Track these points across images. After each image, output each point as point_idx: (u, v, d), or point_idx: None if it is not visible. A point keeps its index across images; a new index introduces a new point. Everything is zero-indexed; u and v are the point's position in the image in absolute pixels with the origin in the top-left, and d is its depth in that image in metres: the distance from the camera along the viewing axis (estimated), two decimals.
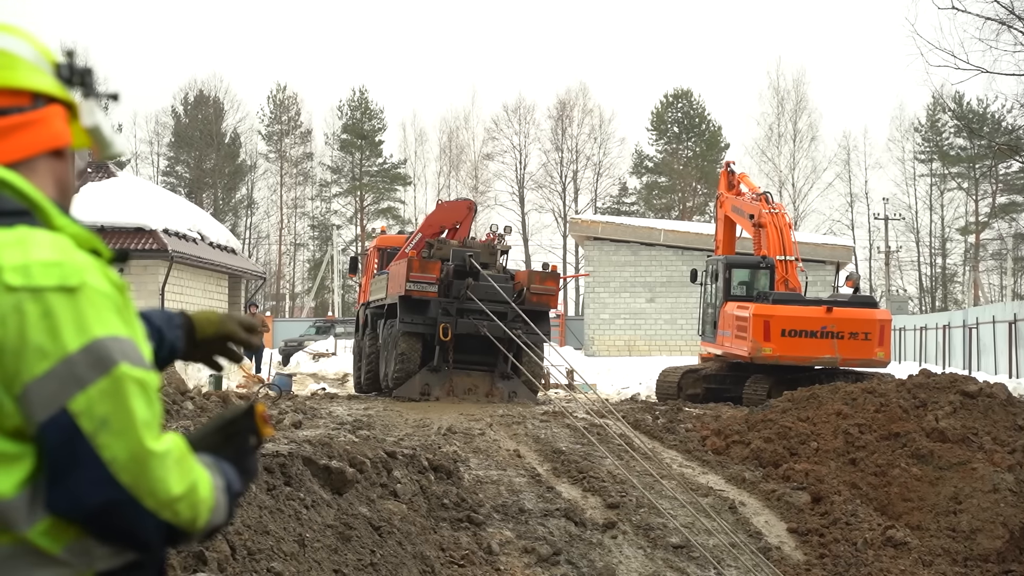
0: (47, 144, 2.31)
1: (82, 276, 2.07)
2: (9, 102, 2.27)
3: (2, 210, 2.16)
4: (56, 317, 2.03)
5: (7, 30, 2.35)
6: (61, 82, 2.36)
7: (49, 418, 2.00)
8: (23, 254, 2.06)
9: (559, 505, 12.14)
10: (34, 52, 2.34)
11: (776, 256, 24.63)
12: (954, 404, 15.43)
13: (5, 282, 2.03)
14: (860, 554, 11.80)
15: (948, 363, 44.15)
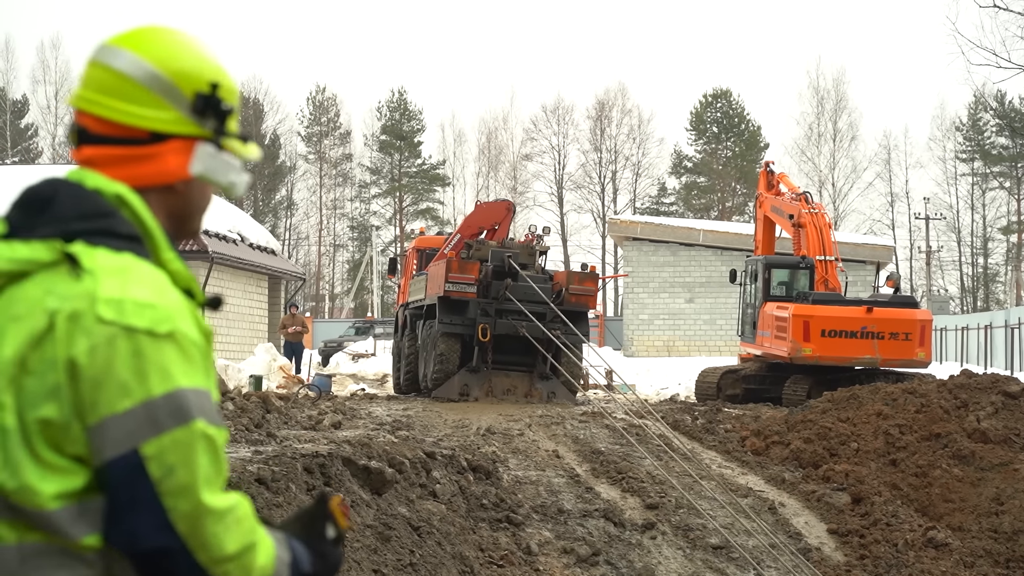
0: (156, 181, 2.29)
1: (174, 323, 2.08)
2: (122, 132, 2.26)
3: (115, 231, 2.16)
4: (144, 359, 2.04)
5: (142, 48, 2.31)
6: (192, 116, 2.30)
7: (119, 456, 2.02)
8: (121, 288, 2.07)
9: (598, 506, 12.15)
10: (166, 78, 2.28)
11: (816, 256, 24.50)
12: (996, 405, 15.34)
13: (98, 313, 2.04)
14: (901, 555, 11.75)
15: (990, 363, 43.81)
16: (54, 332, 2.04)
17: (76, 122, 2.30)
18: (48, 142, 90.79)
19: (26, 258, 2.11)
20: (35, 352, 2.04)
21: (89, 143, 2.26)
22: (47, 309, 2.06)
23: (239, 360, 31.01)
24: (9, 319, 2.08)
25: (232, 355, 36.20)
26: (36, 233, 2.13)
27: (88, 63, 2.32)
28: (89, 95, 2.27)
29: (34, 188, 2.21)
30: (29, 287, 2.10)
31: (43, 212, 2.16)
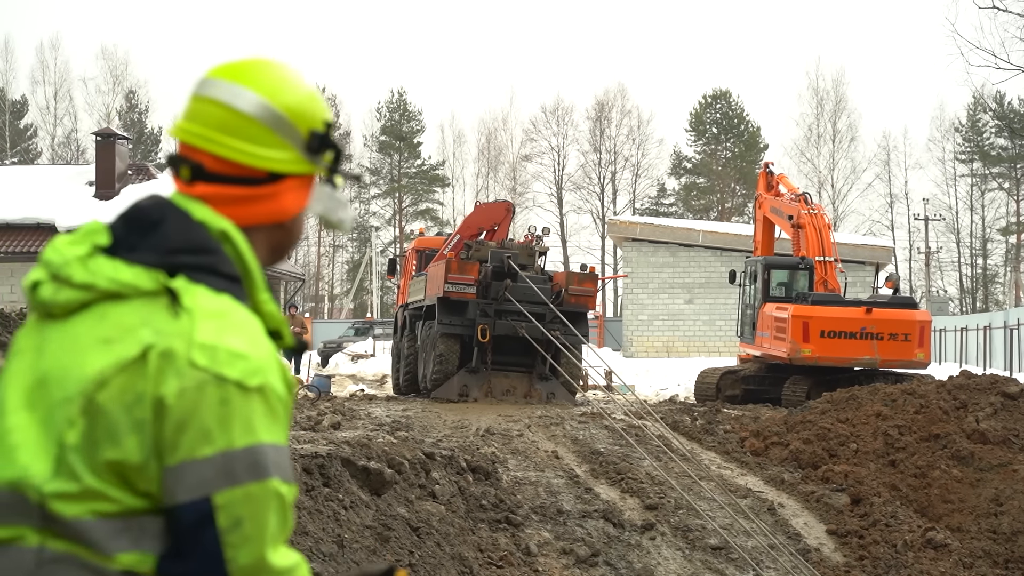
0: (270, 219, 2.30)
1: (264, 377, 2.07)
2: (241, 172, 2.26)
3: (218, 270, 2.16)
4: (231, 409, 2.04)
5: (260, 85, 2.29)
6: (306, 154, 2.30)
7: (191, 501, 2.02)
8: (216, 333, 2.06)
9: (597, 506, 12.15)
10: (286, 117, 2.28)
11: (815, 257, 24.53)
12: (995, 405, 15.35)
13: (192, 357, 2.03)
14: (900, 556, 11.76)
15: (989, 364, 43.82)
16: (146, 366, 2.03)
17: (186, 156, 2.27)
18: (47, 142, 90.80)
19: (128, 282, 2.10)
20: (121, 379, 2.03)
21: (205, 181, 2.24)
22: (141, 340, 2.05)
23: None
24: (98, 339, 2.07)
25: None
26: (139, 256, 2.13)
27: (198, 97, 2.30)
28: (207, 133, 2.25)
29: (143, 206, 2.20)
30: (125, 311, 2.09)
31: (148, 234, 2.16)
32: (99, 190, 39.22)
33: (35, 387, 2.08)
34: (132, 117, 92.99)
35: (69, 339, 2.09)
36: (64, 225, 37.23)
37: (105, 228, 2.18)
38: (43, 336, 2.14)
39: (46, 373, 2.07)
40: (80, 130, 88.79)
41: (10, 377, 2.13)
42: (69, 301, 2.11)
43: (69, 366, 2.06)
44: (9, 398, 2.09)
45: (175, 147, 2.32)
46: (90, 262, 2.12)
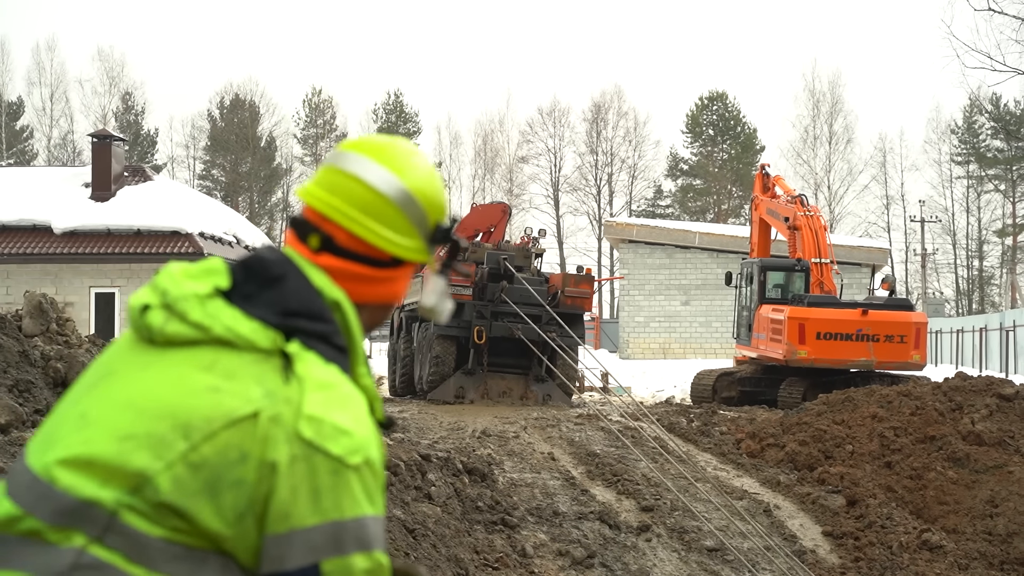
0: (382, 300, 2.35)
1: (366, 453, 2.10)
2: (370, 252, 2.30)
3: (330, 340, 2.19)
4: (339, 482, 2.07)
5: (402, 171, 2.32)
6: (428, 244, 2.36)
7: (300, 568, 2.05)
8: (324, 407, 2.09)
9: (593, 508, 12.15)
10: (421, 207, 2.32)
11: (811, 259, 24.55)
12: (990, 407, 15.36)
13: (299, 427, 2.06)
14: (895, 557, 11.76)
15: (985, 366, 43.87)
16: (255, 428, 2.05)
17: (317, 226, 2.30)
18: (43, 144, 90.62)
19: (245, 336, 2.12)
20: (228, 435, 2.05)
21: (333, 254, 2.28)
22: (252, 400, 2.07)
23: None
24: (207, 386, 2.08)
25: None
26: (257, 311, 2.15)
27: (340, 171, 2.32)
28: (348, 210, 2.28)
29: (266, 259, 2.23)
30: (236, 364, 2.11)
31: (267, 288, 2.18)
32: (95, 192, 39.13)
33: (128, 409, 2.08)
34: (128, 119, 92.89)
35: (173, 374, 2.10)
36: (60, 227, 37.20)
37: (226, 270, 2.21)
38: (142, 360, 2.15)
39: (145, 401, 2.08)
40: (76, 132, 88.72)
41: (102, 392, 2.14)
42: (177, 335, 2.13)
43: (173, 404, 2.07)
44: (98, 414, 2.10)
45: (300, 210, 2.34)
46: (208, 303, 2.14)
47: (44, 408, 11.45)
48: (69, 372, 12.40)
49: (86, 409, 2.11)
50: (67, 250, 36.90)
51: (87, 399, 2.14)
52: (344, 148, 2.35)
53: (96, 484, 2.02)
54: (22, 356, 12.01)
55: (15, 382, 11.53)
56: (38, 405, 11.45)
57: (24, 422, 10.88)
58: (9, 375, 11.57)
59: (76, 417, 2.11)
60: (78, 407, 2.13)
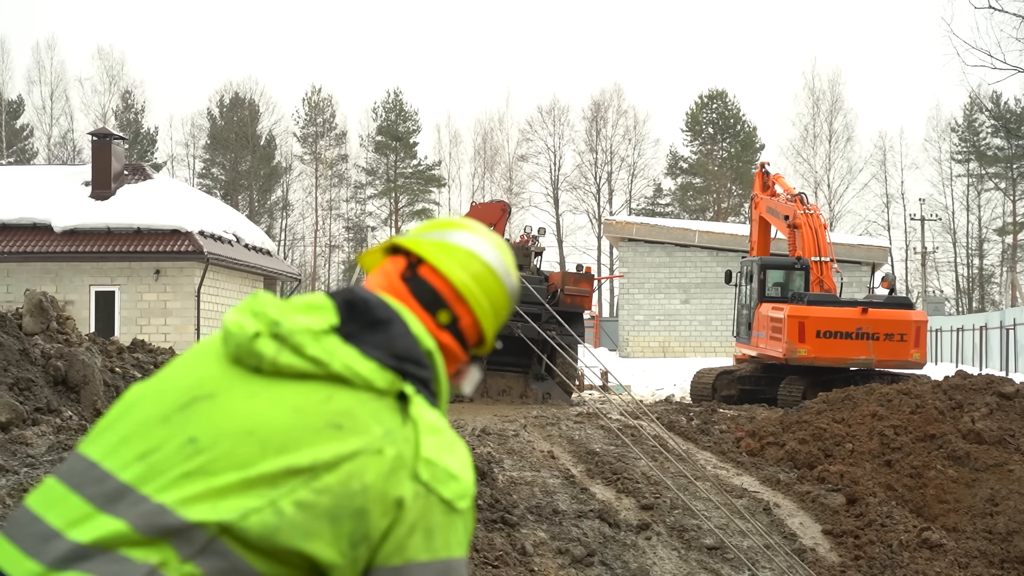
0: (452, 384, 2.41)
1: (469, 500, 2.18)
2: (475, 342, 2.44)
3: (431, 388, 2.26)
4: (450, 523, 2.15)
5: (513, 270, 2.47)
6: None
7: None
8: (437, 451, 2.16)
9: (593, 506, 12.13)
10: (512, 303, 2.48)
11: (811, 257, 24.55)
12: (990, 405, 15.35)
13: (417, 469, 2.13)
14: (895, 556, 11.75)
15: (985, 364, 43.85)
16: (378, 462, 2.10)
17: (444, 298, 2.39)
18: (43, 142, 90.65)
19: (364, 375, 2.16)
20: (351, 467, 2.09)
21: (452, 334, 2.40)
22: (375, 435, 2.12)
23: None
24: (328, 422, 2.12)
25: None
26: (370, 352, 2.19)
27: (488, 267, 2.43)
28: (487, 306, 2.42)
29: (370, 301, 2.27)
30: (353, 402, 2.14)
31: (373, 330, 2.22)
32: (95, 190, 39.15)
33: (249, 438, 2.10)
34: (128, 117, 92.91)
35: (290, 404, 2.13)
36: (60, 225, 37.19)
37: (334, 307, 2.25)
38: (249, 387, 2.17)
39: (265, 431, 2.10)
40: (76, 130, 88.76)
41: (208, 415, 2.15)
42: (290, 367, 2.16)
43: (295, 435, 2.10)
44: (212, 440, 2.11)
45: (433, 282, 2.40)
46: (324, 339, 2.18)
47: (44, 407, 11.45)
48: (69, 370, 12.40)
49: (195, 434, 2.12)
50: (67, 249, 36.91)
51: (191, 422, 2.14)
52: (485, 241, 2.46)
53: (207, 507, 2.04)
54: (22, 354, 12.01)
55: (15, 380, 11.53)
56: (38, 403, 11.45)
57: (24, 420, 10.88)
58: (9, 373, 11.57)
59: (184, 441, 2.12)
60: (182, 430, 2.14)
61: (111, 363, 14.14)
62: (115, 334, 33.81)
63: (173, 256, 36.84)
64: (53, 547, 2.02)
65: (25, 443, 10.19)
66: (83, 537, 2.02)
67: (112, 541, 2.01)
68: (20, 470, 9.16)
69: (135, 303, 37.15)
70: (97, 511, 2.05)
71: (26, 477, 8.91)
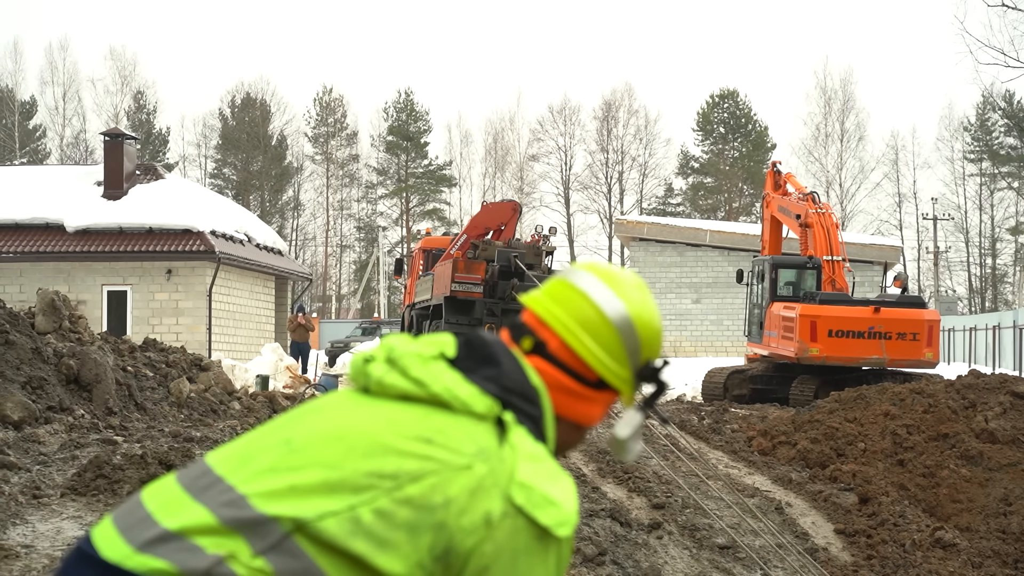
0: (576, 418, 2.38)
1: (569, 528, 2.13)
2: (579, 367, 2.35)
3: (538, 423, 2.24)
4: (542, 550, 2.09)
5: (632, 302, 2.39)
6: (635, 377, 2.41)
7: None
8: (534, 476, 2.13)
9: (604, 505, 12.11)
10: (639, 341, 2.38)
11: (823, 256, 24.47)
12: (1004, 405, 15.29)
13: (510, 492, 2.10)
14: (908, 555, 11.71)
15: (998, 364, 43.71)
16: (467, 477, 2.09)
17: (533, 329, 2.37)
18: (56, 143, 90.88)
19: (462, 398, 2.16)
20: (435, 480, 2.08)
21: (544, 358, 2.35)
22: (466, 452, 2.11)
23: (246, 360, 31.03)
24: (418, 436, 2.12)
25: (239, 355, 36.23)
26: (477, 380, 2.20)
27: (570, 286, 2.40)
28: (569, 322, 2.35)
29: (489, 342, 2.29)
30: (450, 422, 2.15)
31: (486, 365, 2.24)
32: (107, 190, 39.24)
33: (339, 442, 2.12)
34: (140, 118, 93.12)
35: (386, 416, 2.16)
36: (72, 225, 37.26)
37: (455, 344, 2.28)
38: (355, 403, 2.23)
39: (355, 437, 2.13)
40: (89, 131, 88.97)
41: (309, 423, 2.20)
42: (394, 386, 2.20)
43: (383, 443, 2.11)
44: (305, 442, 2.14)
45: (523, 313, 2.43)
46: (431, 363, 2.21)
47: (57, 405, 11.47)
48: (82, 369, 12.42)
49: (291, 436, 2.17)
50: (79, 248, 37.01)
51: (293, 427, 2.21)
52: (577, 267, 2.45)
53: (286, 503, 2.05)
54: (35, 353, 12.02)
55: (28, 379, 11.54)
56: (51, 402, 11.47)
57: (37, 418, 10.90)
58: (22, 372, 11.58)
59: (281, 442, 2.17)
60: (283, 433, 2.20)
61: (123, 362, 14.17)
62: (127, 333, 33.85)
63: (185, 256, 36.89)
64: (145, 531, 2.07)
65: (37, 441, 10.20)
66: (172, 524, 2.06)
67: (194, 529, 2.04)
68: (32, 468, 9.18)
69: (147, 302, 37.21)
70: (192, 500, 2.10)
71: (38, 475, 8.92)
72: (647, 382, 2.44)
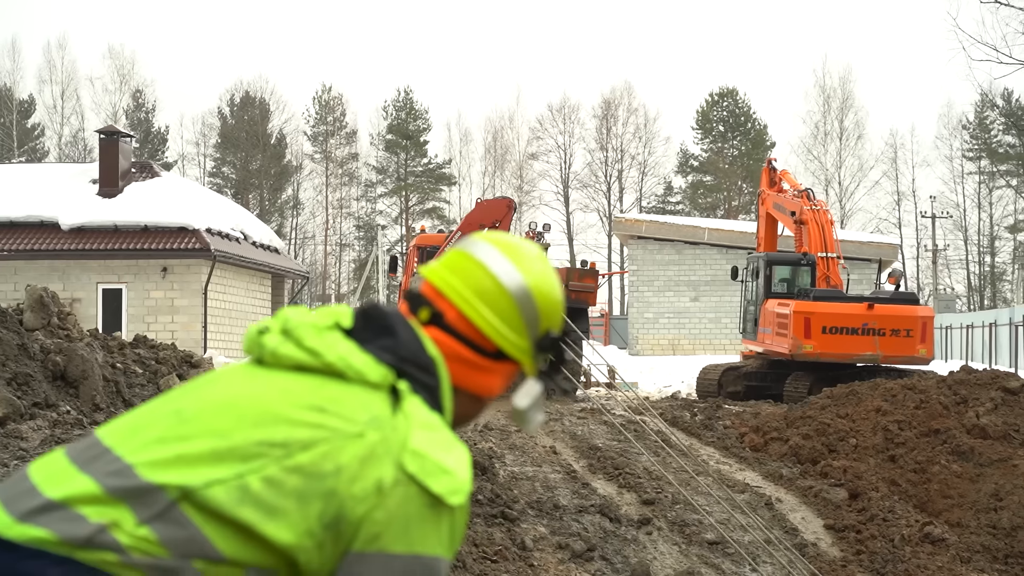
0: (475, 390, 2.37)
1: (461, 498, 2.12)
2: (477, 338, 2.34)
3: (434, 393, 2.23)
4: (431, 518, 2.08)
5: (530, 274, 2.38)
6: (535, 348, 2.41)
7: None
8: (428, 444, 2.12)
9: (594, 501, 12.09)
10: (537, 311, 2.38)
11: (817, 253, 24.44)
12: (995, 401, 15.28)
13: (403, 460, 2.08)
14: (897, 550, 11.68)
15: (994, 361, 43.71)
16: (358, 445, 2.08)
17: (430, 300, 2.36)
18: (54, 141, 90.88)
19: (356, 367, 2.16)
20: (326, 448, 2.07)
21: (440, 329, 2.34)
22: (358, 420, 2.10)
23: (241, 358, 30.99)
24: (311, 405, 2.11)
25: (234, 353, 36.22)
26: (373, 350, 2.20)
27: (468, 256, 2.39)
28: (464, 292, 2.35)
29: (385, 311, 2.30)
30: (343, 391, 2.14)
31: (383, 335, 2.24)
32: (102, 188, 39.23)
33: (229, 410, 2.12)
34: (139, 116, 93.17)
35: (279, 386, 2.15)
36: (67, 223, 37.24)
37: (351, 315, 2.29)
38: (248, 374, 2.23)
39: (246, 406, 2.12)
40: (87, 129, 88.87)
41: (201, 394, 2.19)
42: (289, 357, 2.19)
43: (274, 412, 2.10)
44: (195, 412, 2.13)
45: (419, 283, 2.42)
46: (326, 334, 2.21)
47: (42, 401, 11.43)
48: (68, 365, 12.38)
49: (182, 407, 2.15)
50: (74, 246, 37.01)
51: (185, 398, 2.19)
52: (477, 237, 2.44)
53: (172, 472, 2.04)
54: (21, 349, 11.99)
55: (13, 375, 11.51)
56: (36, 398, 11.43)
57: (22, 415, 10.86)
58: (8, 368, 11.55)
59: (171, 413, 2.15)
60: (175, 404, 2.18)
61: (112, 358, 14.13)
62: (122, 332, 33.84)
63: (180, 254, 36.89)
64: (28, 501, 2.05)
65: (20, 437, 10.19)
66: (55, 494, 2.04)
67: (78, 498, 2.02)
68: (11, 463, 9.16)
69: (142, 301, 37.20)
70: (77, 471, 2.08)
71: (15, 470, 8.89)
72: (547, 352, 2.42)
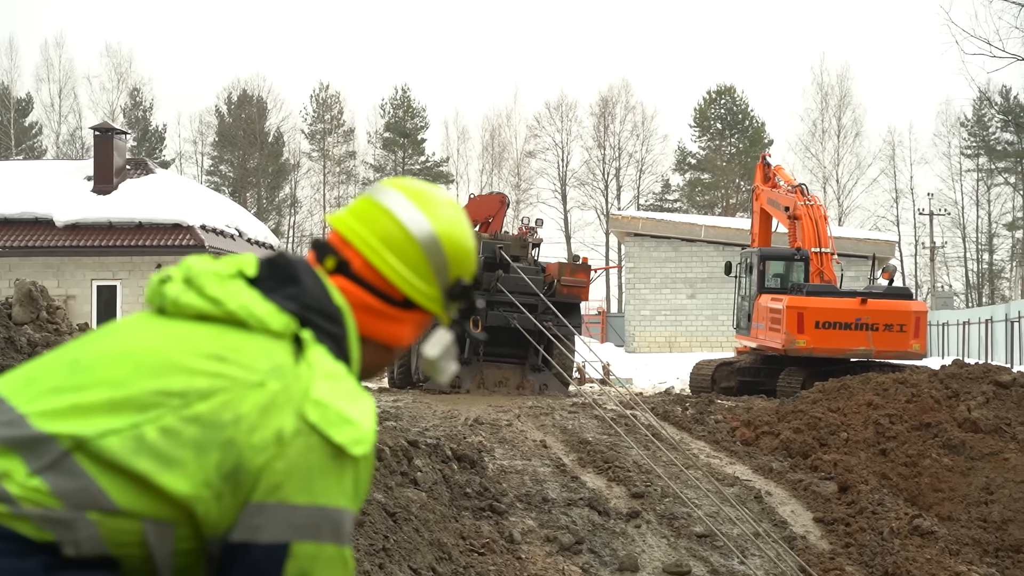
0: (385, 339, 2.35)
1: (365, 447, 2.08)
2: (383, 286, 2.31)
3: (340, 342, 2.20)
4: (333, 469, 2.04)
5: (438, 220, 2.35)
6: (445, 297, 2.38)
7: (269, 543, 2.01)
8: (330, 393, 2.08)
9: (583, 495, 12.08)
10: (445, 258, 2.34)
11: (811, 248, 24.41)
12: (987, 394, 15.26)
13: (304, 409, 2.04)
14: (886, 543, 11.66)
15: (990, 358, 43.73)
16: (258, 394, 2.04)
17: (336, 248, 2.33)
18: (52, 140, 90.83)
19: (258, 316, 2.12)
20: (226, 397, 2.03)
21: (347, 277, 2.31)
22: (259, 369, 2.06)
23: None
24: (211, 353, 2.07)
25: None
26: (276, 299, 2.17)
27: (374, 202, 2.35)
28: (371, 240, 2.31)
29: (291, 260, 2.26)
30: (245, 340, 2.10)
31: (287, 284, 2.21)
32: (97, 185, 39.19)
33: (126, 359, 2.07)
34: (136, 115, 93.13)
35: (178, 335, 2.10)
36: (62, 220, 37.20)
37: (256, 264, 2.24)
38: (148, 323, 2.17)
39: (144, 355, 2.07)
40: (84, 128, 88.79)
41: (98, 344, 2.14)
42: (190, 306, 2.14)
43: (172, 361, 2.05)
44: (91, 361, 2.08)
45: (325, 231, 2.41)
46: (229, 282, 2.17)
47: None
48: None
49: (79, 356, 2.10)
50: (69, 243, 36.98)
51: (82, 348, 2.13)
52: (385, 184, 2.38)
53: (66, 422, 1.99)
54: (7, 342, 11.96)
55: (1, 369, 11.49)
56: None
57: None
58: None
59: (68, 363, 2.09)
60: (72, 354, 2.12)
61: None
62: None
63: (175, 250, 36.85)
64: None
65: None
66: None
67: None
68: None
69: (137, 297, 37.16)
70: None
71: None
72: (457, 301, 2.39)
